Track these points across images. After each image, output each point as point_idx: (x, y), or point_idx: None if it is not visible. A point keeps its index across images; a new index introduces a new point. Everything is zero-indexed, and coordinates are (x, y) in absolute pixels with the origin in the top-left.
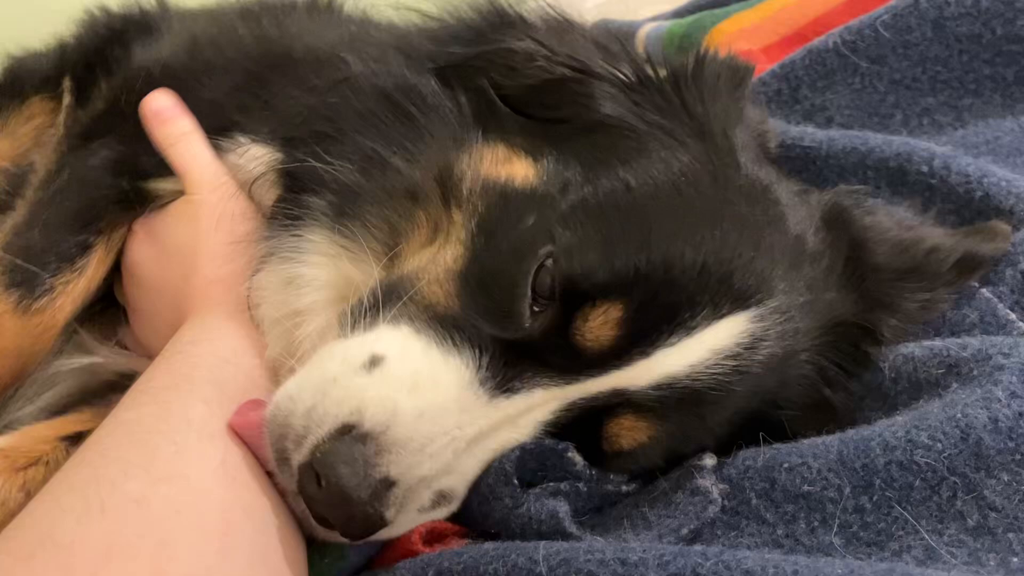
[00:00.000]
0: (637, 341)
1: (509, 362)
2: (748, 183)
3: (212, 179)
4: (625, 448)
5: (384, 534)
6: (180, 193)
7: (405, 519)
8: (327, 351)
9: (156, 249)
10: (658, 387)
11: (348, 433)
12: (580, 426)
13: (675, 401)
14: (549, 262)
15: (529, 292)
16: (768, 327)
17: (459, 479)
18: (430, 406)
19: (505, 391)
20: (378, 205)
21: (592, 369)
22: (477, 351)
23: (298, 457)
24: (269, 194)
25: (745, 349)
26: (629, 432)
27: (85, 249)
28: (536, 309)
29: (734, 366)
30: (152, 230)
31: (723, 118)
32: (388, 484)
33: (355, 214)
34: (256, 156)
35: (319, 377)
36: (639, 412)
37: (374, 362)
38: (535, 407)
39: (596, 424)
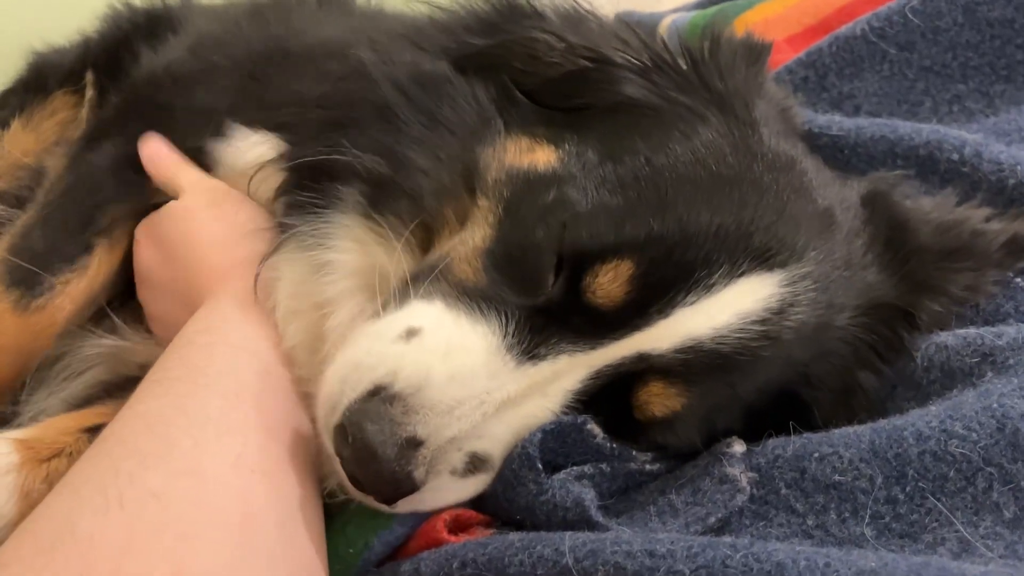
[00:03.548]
0: (654, 300)
1: (534, 329)
2: (771, 153)
3: (205, 182)
4: (658, 416)
5: (420, 501)
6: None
7: (439, 484)
8: (365, 329)
9: (159, 251)
10: (682, 351)
11: (378, 394)
12: (612, 398)
13: (703, 366)
14: (565, 227)
15: (550, 258)
16: (798, 293)
17: (491, 443)
18: (460, 370)
19: (532, 357)
20: (408, 199)
21: (613, 332)
22: (503, 318)
23: (333, 419)
24: (271, 182)
25: (774, 314)
26: (659, 398)
27: (86, 249)
28: (557, 275)
29: (763, 331)
30: (153, 233)
31: (743, 92)
32: (415, 443)
33: (386, 204)
34: (261, 145)
35: (357, 350)
36: (668, 378)
37: (411, 333)
38: (562, 374)
39: (628, 394)
